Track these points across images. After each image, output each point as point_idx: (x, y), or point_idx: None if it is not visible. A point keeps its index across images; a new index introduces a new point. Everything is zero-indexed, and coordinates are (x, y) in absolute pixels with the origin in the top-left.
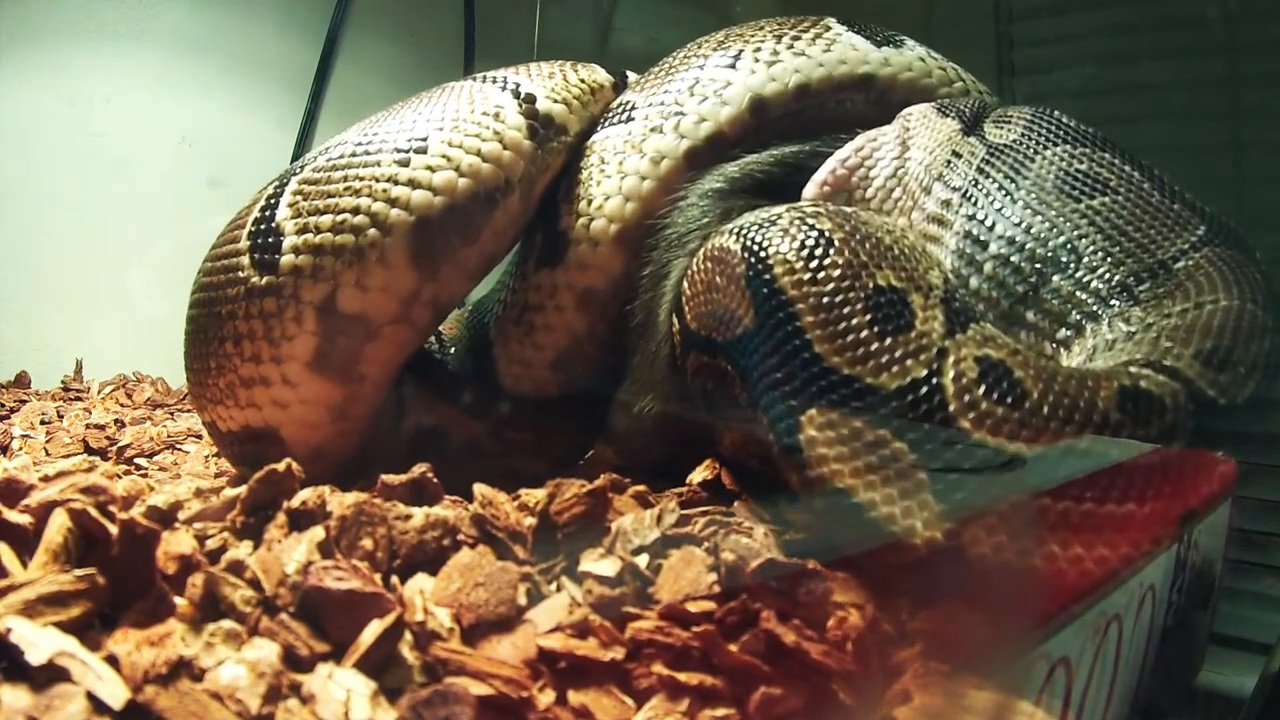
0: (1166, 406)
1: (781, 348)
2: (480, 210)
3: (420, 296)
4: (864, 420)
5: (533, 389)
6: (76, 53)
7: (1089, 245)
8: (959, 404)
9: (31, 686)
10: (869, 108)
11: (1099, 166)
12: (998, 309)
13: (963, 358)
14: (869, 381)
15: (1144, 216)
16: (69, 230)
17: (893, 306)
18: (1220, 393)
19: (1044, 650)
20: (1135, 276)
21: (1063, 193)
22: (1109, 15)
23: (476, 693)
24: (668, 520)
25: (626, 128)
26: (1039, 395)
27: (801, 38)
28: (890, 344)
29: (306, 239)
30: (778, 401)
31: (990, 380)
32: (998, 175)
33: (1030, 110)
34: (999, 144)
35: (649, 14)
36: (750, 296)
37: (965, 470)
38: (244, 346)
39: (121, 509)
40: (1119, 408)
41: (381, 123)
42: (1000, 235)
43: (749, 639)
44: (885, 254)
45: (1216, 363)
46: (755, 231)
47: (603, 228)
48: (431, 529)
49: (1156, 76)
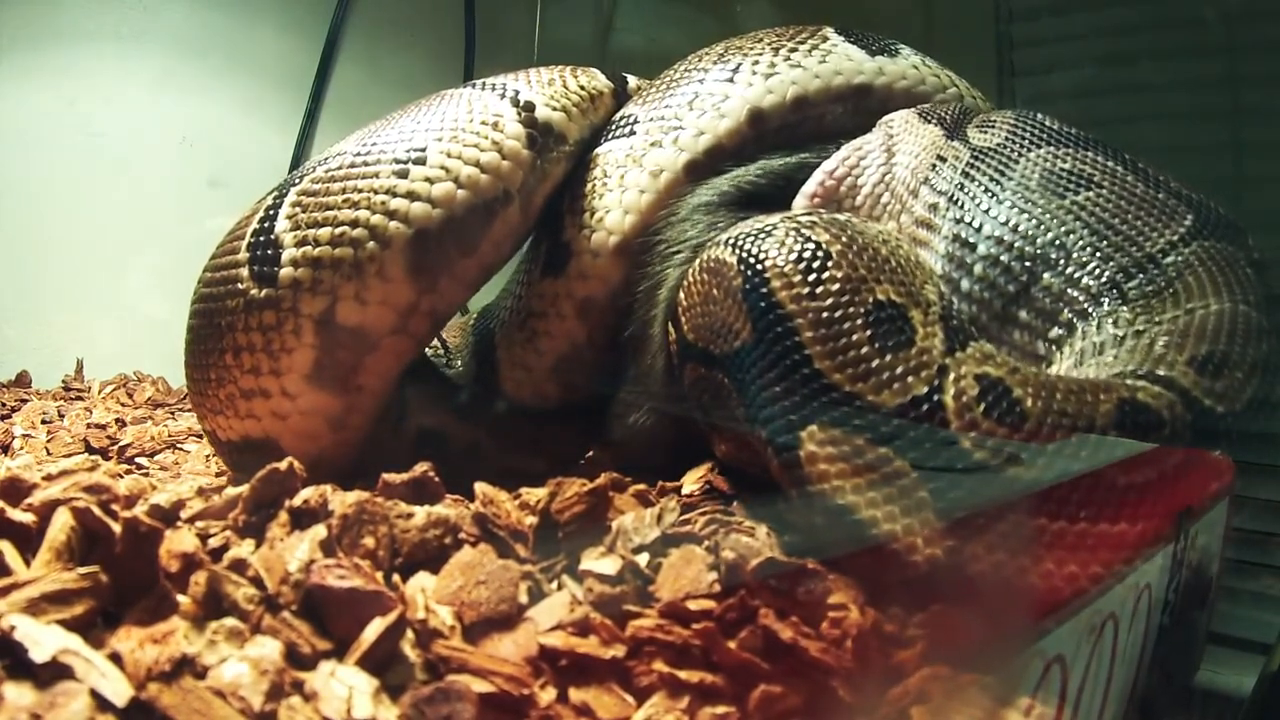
0: (1164, 420)
1: (780, 362)
2: (479, 221)
3: (418, 308)
4: (865, 438)
5: (533, 394)
6: (77, 54)
7: (1077, 241)
8: (960, 422)
9: (35, 684)
10: (866, 118)
11: (1083, 164)
12: (990, 309)
13: (963, 375)
14: (870, 399)
15: (1129, 209)
16: (69, 230)
17: (893, 323)
18: (1217, 401)
19: (1039, 649)
20: (1124, 272)
21: (1048, 190)
22: (1109, 16)
23: (478, 690)
24: (668, 519)
25: (629, 141)
26: (1038, 414)
27: (799, 49)
28: (891, 360)
29: (305, 251)
30: (777, 416)
31: (990, 399)
32: (982, 178)
33: (1014, 114)
34: (983, 147)
35: (649, 14)
36: (747, 310)
37: (966, 488)
38: (243, 358)
39: (124, 508)
40: (1117, 424)
41: (380, 132)
42: (988, 235)
43: (747, 636)
44: (883, 267)
45: (1211, 369)
46: (750, 243)
47: (602, 239)
48: (433, 527)
49: (1156, 77)
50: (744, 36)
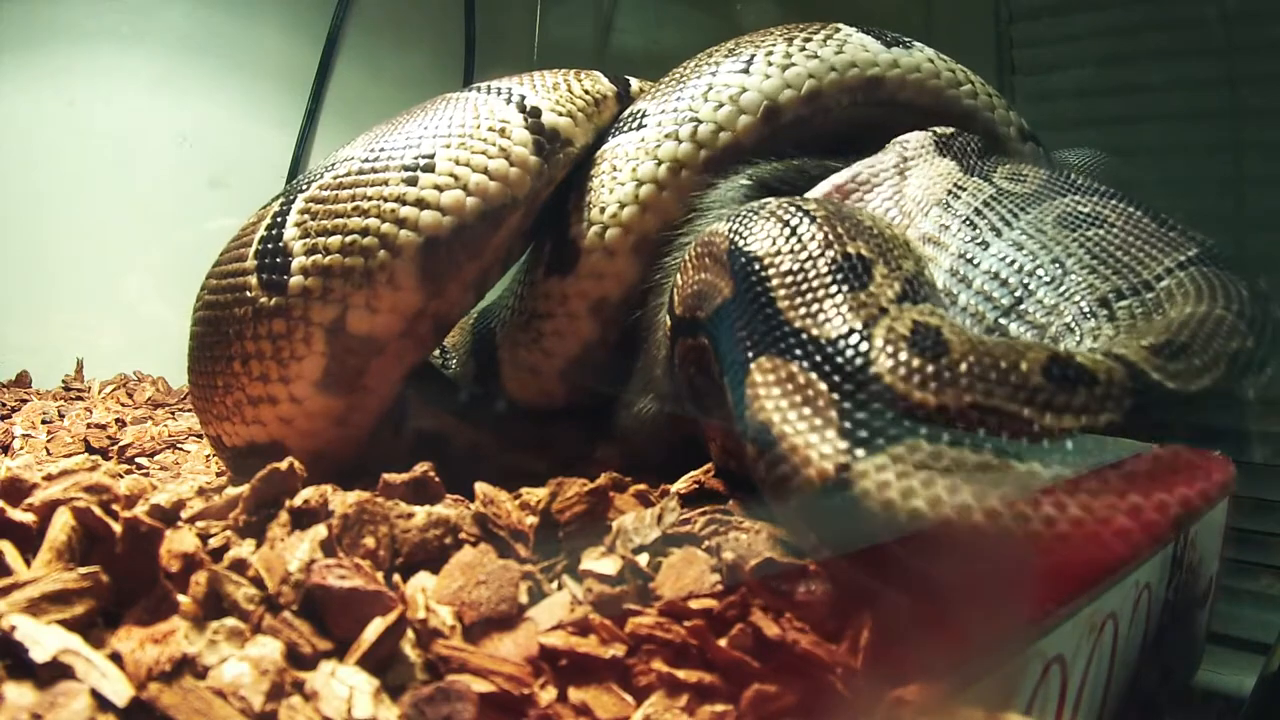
0: (1098, 379)
1: (749, 308)
2: (488, 228)
3: (426, 313)
4: (799, 365)
5: (539, 396)
6: (77, 53)
7: (1076, 264)
8: (882, 355)
9: (35, 684)
10: (876, 109)
11: (1102, 208)
12: (983, 322)
13: (901, 318)
14: (813, 332)
15: (1135, 241)
16: (69, 230)
17: (854, 271)
18: (1167, 377)
19: (1039, 649)
20: (1117, 292)
21: (1060, 226)
22: (1109, 16)
23: (478, 690)
24: (668, 519)
25: (639, 134)
26: (961, 353)
27: (813, 39)
28: (840, 300)
29: (315, 260)
30: (738, 360)
31: (918, 337)
32: (1001, 210)
33: (1049, 172)
34: (1008, 189)
35: (649, 15)
36: (730, 269)
37: (873, 414)
38: (252, 366)
39: (125, 507)
40: (1043, 372)
41: (387, 138)
42: (994, 254)
43: (737, 634)
44: (864, 232)
45: (1169, 354)
46: (744, 214)
47: (618, 236)
48: (433, 527)
49: (1156, 77)
50: (754, 33)
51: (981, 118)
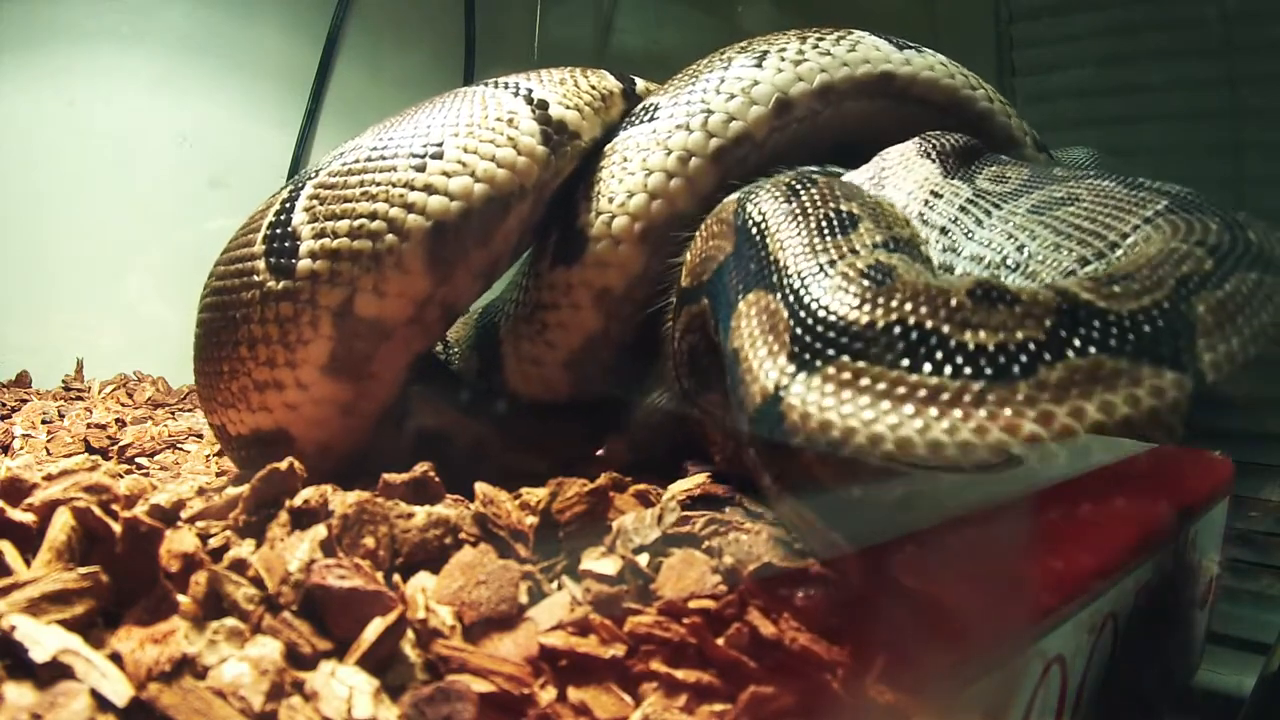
0: (1020, 300)
1: (746, 254)
2: (495, 215)
3: (434, 299)
4: (774, 295)
5: (543, 389)
6: (77, 53)
7: (1041, 245)
8: (833, 282)
9: (35, 684)
10: (893, 110)
11: (1076, 189)
12: None
13: (867, 258)
14: (786, 265)
15: (1103, 209)
16: (69, 230)
17: (841, 222)
18: (1099, 298)
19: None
20: (1082, 260)
21: (1032, 214)
22: (1109, 16)
23: (478, 690)
24: (669, 519)
25: (651, 126)
26: (904, 284)
27: (826, 39)
28: (821, 244)
29: (324, 244)
30: (731, 300)
31: (872, 271)
32: (977, 211)
33: (1030, 169)
34: (987, 189)
35: (649, 15)
36: (734, 229)
37: (816, 337)
38: (259, 350)
39: (125, 508)
40: (968, 293)
41: (395, 128)
42: (966, 256)
43: (735, 633)
44: (861, 198)
45: (1108, 281)
46: (754, 184)
47: (625, 225)
48: (433, 527)
49: (1156, 77)
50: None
51: (998, 121)
